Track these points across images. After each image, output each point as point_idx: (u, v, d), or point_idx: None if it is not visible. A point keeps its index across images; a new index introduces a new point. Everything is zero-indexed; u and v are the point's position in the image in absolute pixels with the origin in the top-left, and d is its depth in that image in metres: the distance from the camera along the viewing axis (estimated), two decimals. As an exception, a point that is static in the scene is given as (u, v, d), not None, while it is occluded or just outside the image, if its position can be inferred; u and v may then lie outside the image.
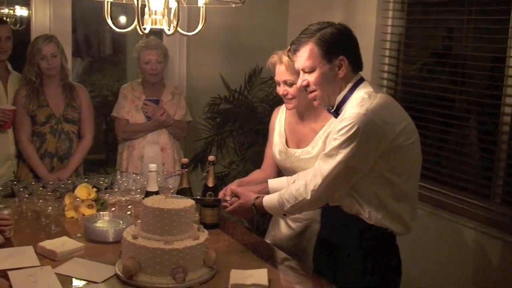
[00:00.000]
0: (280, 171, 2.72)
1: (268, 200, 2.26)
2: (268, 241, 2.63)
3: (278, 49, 2.53)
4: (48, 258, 2.19)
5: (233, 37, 4.40)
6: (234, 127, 4.12)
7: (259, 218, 3.60)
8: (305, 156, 2.51)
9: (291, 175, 2.52)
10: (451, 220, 3.18)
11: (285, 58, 2.44)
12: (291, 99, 2.50)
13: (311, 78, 2.10)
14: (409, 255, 2.41)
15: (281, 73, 2.48)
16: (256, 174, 2.77)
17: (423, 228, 3.17)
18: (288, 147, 2.61)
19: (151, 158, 3.58)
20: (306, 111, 2.56)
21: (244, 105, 4.20)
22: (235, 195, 2.43)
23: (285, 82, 2.48)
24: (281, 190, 2.23)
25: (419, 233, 3.15)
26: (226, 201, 2.43)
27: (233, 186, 2.53)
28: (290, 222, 2.62)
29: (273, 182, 2.51)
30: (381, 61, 3.74)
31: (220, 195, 2.54)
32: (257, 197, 2.32)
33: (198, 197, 2.57)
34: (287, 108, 2.60)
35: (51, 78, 3.41)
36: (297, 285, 2.15)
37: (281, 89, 2.51)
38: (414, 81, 3.69)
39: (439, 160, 3.45)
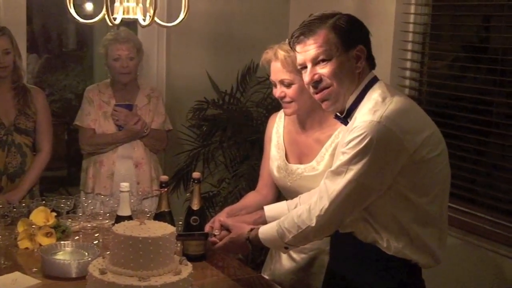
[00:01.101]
0: (280, 192, 2.73)
1: (265, 231, 2.26)
2: (266, 276, 2.63)
3: (279, 42, 2.54)
4: (-4, 298, 2.20)
5: (223, 28, 4.43)
6: (224, 137, 4.13)
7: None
8: (310, 173, 2.52)
9: (293, 196, 2.53)
10: (488, 249, 3.18)
11: (281, 53, 2.46)
12: (290, 102, 2.51)
13: (326, 70, 2.10)
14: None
15: (277, 71, 2.50)
16: (250, 198, 2.78)
17: (455, 259, 3.18)
18: (289, 162, 2.62)
19: (123, 176, 3.58)
20: (308, 118, 2.57)
21: (236, 110, 4.22)
22: (225, 228, 2.43)
23: (282, 82, 2.49)
24: (280, 218, 2.23)
25: (449, 265, 3.15)
26: (215, 235, 2.44)
27: (221, 217, 2.54)
28: (293, 254, 2.63)
29: (270, 209, 2.52)
30: (403, 57, 3.77)
31: (207, 228, 2.55)
32: (252, 229, 2.32)
33: (180, 233, 2.54)
34: (285, 114, 2.61)
35: (0, 79, 3.42)
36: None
37: (277, 91, 2.52)
38: (442, 81, 3.71)
39: (474, 177, 3.46)
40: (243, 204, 2.74)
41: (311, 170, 2.52)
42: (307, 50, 2.12)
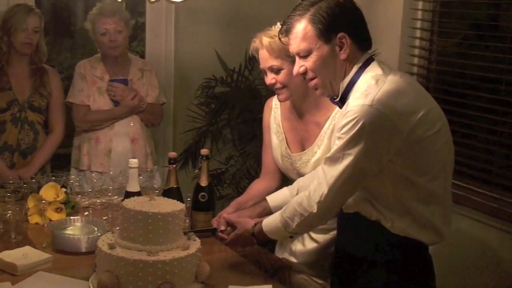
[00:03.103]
0: (285, 176, 2.71)
1: (269, 223, 2.27)
2: (291, 258, 2.63)
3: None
4: (7, 272, 2.21)
5: (232, 5, 4.41)
6: (233, 114, 4.13)
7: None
8: (314, 157, 2.51)
9: None
10: (502, 230, 3.16)
11: (265, 40, 2.44)
12: (282, 88, 2.49)
13: (308, 63, 2.11)
14: (447, 270, 2.41)
15: (264, 58, 2.48)
16: (255, 188, 2.76)
17: (471, 240, 3.18)
18: (291, 150, 2.61)
19: (120, 153, 3.55)
20: (304, 102, 2.55)
21: (244, 88, 4.21)
22: (230, 224, 2.45)
23: (271, 69, 2.48)
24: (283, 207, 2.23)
25: (465, 246, 3.16)
26: (221, 231, 2.46)
27: (226, 213, 2.55)
28: (313, 234, 2.62)
29: (273, 200, 2.51)
30: (411, 35, 3.74)
31: (214, 222, 2.56)
32: (256, 224, 2.33)
33: (190, 229, 2.55)
34: (279, 100, 2.59)
35: (21, 57, 3.43)
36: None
37: (268, 78, 2.50)
38: (452, 59, 3.68)
39: (486, 156, 3.42)
40: (250, 194, 2.72)
41: (313, 155, 2.51)
42: (291, 44, 2.15)
